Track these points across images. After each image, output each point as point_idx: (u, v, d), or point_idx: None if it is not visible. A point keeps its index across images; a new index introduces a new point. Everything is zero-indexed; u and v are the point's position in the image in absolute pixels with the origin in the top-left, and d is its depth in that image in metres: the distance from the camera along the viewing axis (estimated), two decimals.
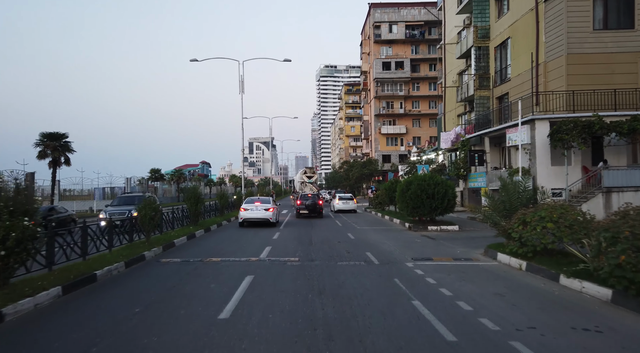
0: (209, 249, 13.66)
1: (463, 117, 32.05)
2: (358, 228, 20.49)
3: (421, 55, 70.89)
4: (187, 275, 9.65)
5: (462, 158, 26.15)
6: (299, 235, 17.63)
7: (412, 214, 18.66)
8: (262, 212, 21.45)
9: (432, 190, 17.95)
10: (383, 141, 72.37)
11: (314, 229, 20.25)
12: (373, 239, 16.00)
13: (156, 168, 47.31)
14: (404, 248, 13.42)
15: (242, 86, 32.53)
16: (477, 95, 26.77)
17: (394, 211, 27.13)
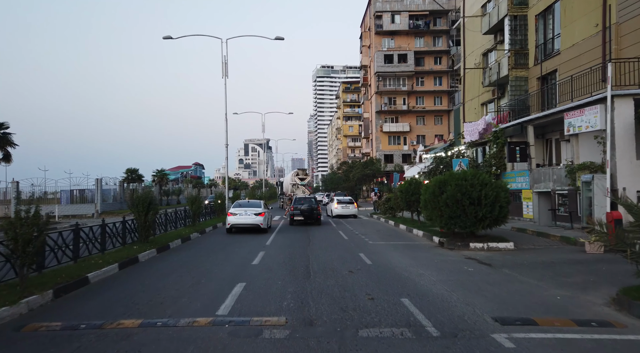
0: (140, 291, 8.39)
1: (487, 106, 26.96)
2: (371, 244, 15.31)
3: (426, 47, 65.98)
4: None
5: (495, 152, 21.05)
6: (290, 257, 12.43)
7: (448, 226, 13.48)
8: (252, 217, 19.59)
9: (478, 193, 12.81)
10: (385, 140, 67.33)
11: (311, 245, 15.06)
12: (400, 265, 10.82)
13: (133, 168, 41.98)
14: (461, 288, 8.25)
15: (225, 69, 27.33)
16: (512, 75, 21.71)
17: (410, 219, 21.96)
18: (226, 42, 27.06)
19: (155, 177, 50.74)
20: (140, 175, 42.89)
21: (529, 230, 16.48)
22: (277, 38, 27.06)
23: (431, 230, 17.78)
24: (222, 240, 17.33)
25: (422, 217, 20.63)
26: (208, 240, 17.35)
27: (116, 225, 13.21)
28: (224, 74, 27.37)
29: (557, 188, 17.17)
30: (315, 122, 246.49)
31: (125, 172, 41.74)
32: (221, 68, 27.32)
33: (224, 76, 27.38)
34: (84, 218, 35.91)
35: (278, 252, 13.39)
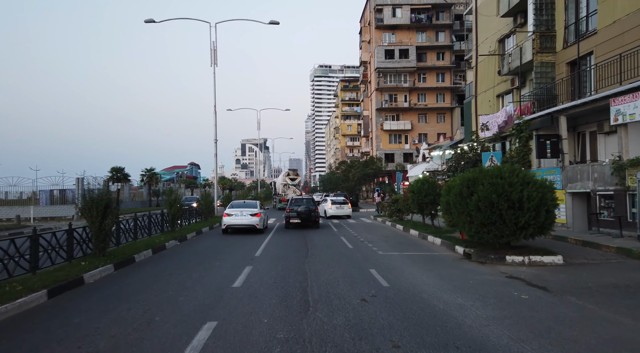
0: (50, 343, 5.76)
1: (504, 98, 24.39)
2: (382, 255, 12.70)
3: (428, 42, 63.50)
4: None
5: (518, 148, 18.47)
6: (283, 275, 9.81)
7: (479, 235, 10.88)
8: (248, 218, 19.59)
9: (519, 194, 10.23)
10: (385, 138, 64.78)
11: (310, 257, 12.43)
12: (428, 290, 8.21)
13: (118, 166, 39.21)
14: (529, 333, 5.66)
15: (214, 56, 24.69)
16: (537, 61, 19.14)
17: (422, 224, 19.36)
18: (215, 27, 24.46)
19: (144, 176, 47.87)
20: (126, 174, 40.13)
21: (570, 239, 13.89)
22: (271, 22, 24.46)
23: (448, 236, 15.22)
24: (204, 248, 14.68)
25: (437, 221, 18.03)
26: (187, 249, 14.69)
27: (78, 232, 10.61)
28: (213, 62, 24.76)
29: (599, 188, 14.60)
30: (313, 122, 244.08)
31: (110, 171, 38.96)
32: (210, 55, 24.71)
33: (213, 63, 24.77)
34: (63, 220, 33.23)
35: (268, 267, 10.76)
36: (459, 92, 63.89)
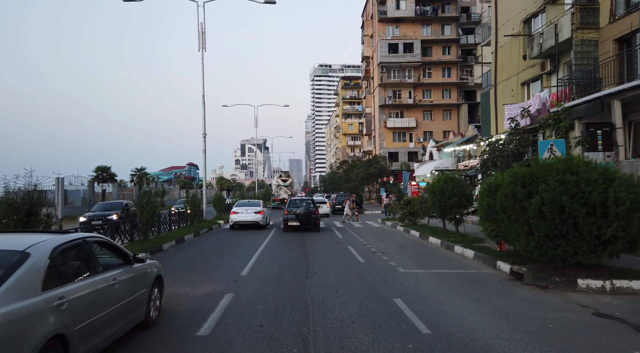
0: None
1: (531, 86, 21.55)
2: (403, 273, 9.87)
3: (433, 36, 60.67)
4: None
5: None
6: (276, 309, 6.99)
7: (541, 250, 8.03)
8: (252, 215, 21.54)
9: (601, 195, 7.42)
10: (389, 137, 61.94)
11: (312, 276, 9.60)
12: (495, 343, 5.37)
13: (104, 165, 36.36)
14: None
15: (202, 39, 21.88)
16: (577, 38, 16.32)
17: (442, 230, 16.51)
18: (203, 6, 21.62)
19: (133, 176, 44.96)
20: (112, 174, 37.27)
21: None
22: (266, 2, 21.61)
23: (481, 247, 12.41)
24: (180, 263, 11.83)
25: (462, 228, 15.20)
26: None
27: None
28: (201, 46, 21.96)
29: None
30: (313, 122, 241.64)
31: (95, 170, 36.10)
32: (198, 38, 21.89)
33: (201, 48, 21.97)
34: None
35: (255, 295, 7.91)
36: (466, 88, 61.18)
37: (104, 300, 4.74)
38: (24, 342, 3.42)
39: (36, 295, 3.77)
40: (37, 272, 3.91)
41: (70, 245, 4.62)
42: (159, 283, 6.60)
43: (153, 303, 6.16)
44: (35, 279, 3.86)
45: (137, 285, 5.68)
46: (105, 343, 4.78)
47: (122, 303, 5.13)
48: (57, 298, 3.96)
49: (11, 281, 3.62)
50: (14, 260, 3.87)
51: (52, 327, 3.75)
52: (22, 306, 3.55)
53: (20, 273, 3.73)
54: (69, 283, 4.27)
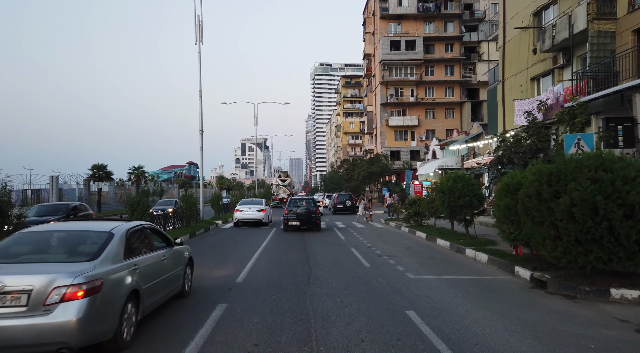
0: None
1: (541, 81, 20.70)
2: (414, 280, 9.05)
3: (436, 33, 59.84)
4: None
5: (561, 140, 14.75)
6: (274, 323, 6.18)
7: (570, 256, 7.20)
8: (255, 213, 22.26)
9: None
10: (391, 135, 61.10)
11: (314, 283, 8.78)
12: None
13: (100, 164, 35.53)
14: None
15: (199, 32, 21.05)
16: (593, 30, 15.49)
17: (450, 231, 15.67)
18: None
19: (131, 175, 44.13)
20: (109, 172, 36.41)
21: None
22: None
23: (494, 250, 11.59)
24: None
25: (472, 229, 14.37)
26: None
27: None
28: (198, 40, 21.12)
29: None
30: (314, 121, 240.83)
31: (91, 169, 35.25)
32: (195, 31, 21.06)
33: (198, 41, 21.14)
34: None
35: (252, 307, 7.08)
36: (469, 85, 60.31)
37: (158, 269, 6.40)
38: (118, 291, 5.10)
39: (121, 261, 5.44)
40: (120, 246, 5.58)
41: (135, 228, 6.28)
42: (191, 264, 8.08)
43: (187, 279, 7.77)
44: (119, 250, 5.52)
45: (177, 263, 7.27)
46: (159, 302, 6.44)
47: (169, 274, 6.77)
48: (133, 264, 5.63)
49: (107, 251, 5.30)
50: (105, 237, 5.55)
51: (132, 283, 5.43)
52: (116, 267, 5.25)
53: (111, 246, 5.42)
54: (138, 255, 5.97)
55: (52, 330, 4.37)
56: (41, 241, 5.71)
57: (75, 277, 4.58)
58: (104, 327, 4.78)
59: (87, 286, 4.59)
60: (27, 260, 5.24)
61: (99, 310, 4.71)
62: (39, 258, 5.33)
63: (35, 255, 5.40)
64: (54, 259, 5.27)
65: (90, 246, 5.42)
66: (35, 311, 4.40)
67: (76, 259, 5.16)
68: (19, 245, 5.58)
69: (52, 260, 5.23)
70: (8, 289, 4.41)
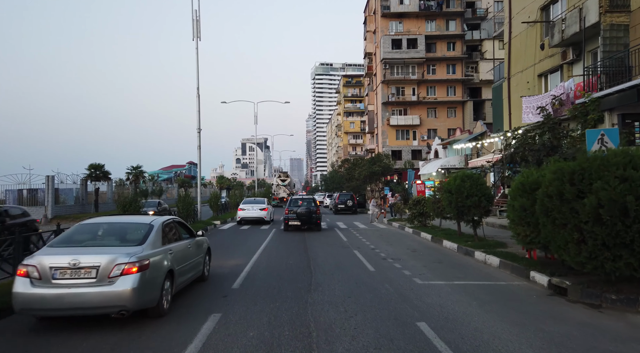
0: None
1: (549, 77, 20.07)
2: (422, 286, 8.45)
3: (438, 31, 59.17)
4: None
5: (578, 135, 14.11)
6: (271, 336, 5.58)
7: (595, 261, 6.59)
8: (257, 211, 23.16)
9: None
10: (392, 135, 60.44)
11: (315, 289, 8.18)
12: None
13: (97, 163, 34.88)
14: None
15: (196, 28, 20.45)
16: (605, 23, 14.87)
17: (457, 233, 15.06)
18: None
19: (129, 175, 43.49)
20: (106, 172, 35.65)
21: None
22: None
23: (505, 253, 10.99)
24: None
25: (480, 231, 13.75)
26: None
27: None
28: (195, 35, 20.51)
29: None
30: (314, 121, 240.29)
31: (88, 168, 34.55)
32: (192, 27, 20.45)
33: (195, 37, 20.54)
34: None
35: (248, 318, 6.47)
36: (471, 84, 59.67)
37: (186, 255, 7.71)
38: (159, 269, 6.38)
39: (160, 247, 6.70)
40: (158, 234, 6.80)
41: (167, 221, 7.53)
42: (209, 253, 9.44)
43: (206, 265, 9.11)
44: (158, 238, 6.76)
45: (199, 251, 8.60)
46: (186, 282, 7.79)
47: (193, 260, 8.10)
48: (168, 250, 6.90)
49: (149, 238, 6.56)
50: (146, 228, 6.81)
51: (168, 264, 6.70)
52: (157, 251, 6.53)
53: (152, 235, 6.66)
54: (171, 243, 7.20)
55: (114, 296, 5.71)
56: (97, 231, 7.06)
57: (130, 257, 5.94)
58: (150, 296, 6.11)
59: (139, 264, 5.95)
60: (91, 244, 6.59)
61: (147, 283, 6.03)
62: (99, 243, 6.69)
63: (96, 241, 6.73)
64: (111, 244, 6.62)
65: (136, 235, 6.72)
66: (102, 282, 5.76)
67: (127, 244, 6.48)
68: (80, 233, 6.86)
69: (109, 245, 6.59)
70: (82, 265, 5.79)
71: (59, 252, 6.05)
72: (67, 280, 5.74)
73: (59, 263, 5.79)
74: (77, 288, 5.67)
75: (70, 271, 5.77)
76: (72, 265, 5.77)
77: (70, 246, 6.38)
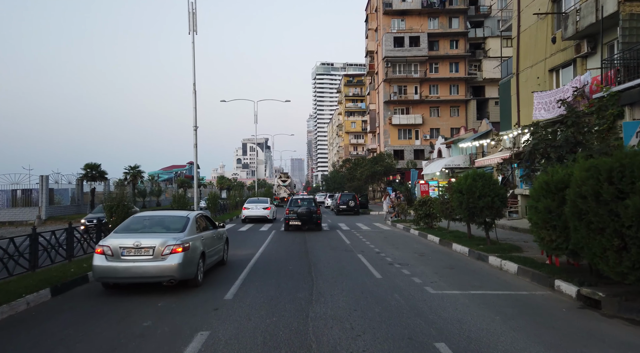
0: None
1: (561, 72, 19.20)
2: (435, 296, 7.58)
3: (440, 29, 58.32)
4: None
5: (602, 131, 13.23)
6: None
7: (637, 272, 5.72)
8: (261, 210, 24.75)
9: None
10: (394, 134, 59.60)
11: (316, 300, 7.32)
12: None
13: (93, 163, 34.03)
14: None
15: (193, 21, 19.66)
16: (624, 12, 14.01)
17: (466, 236, 14.20)
18: None
19: (127, 174, 42.63)
20: (102, 172, 34.83)
21: None
22: None
23: (523, 259, 10.14)
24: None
25: (492, 233, 12.90)
26: None
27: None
28: (192, 29, 19.69)
29: None
30: (315, 121, 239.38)
31: (84, 168, 33.72)
32: (188, 20, 19.64)
33: (192, 30, 19.71)
34: (23, 225, 28.27)
35: (239, 337, 5.62)
36: (475, 83, 58.79)
37: (212, 242, 9.68)
38: (196, 251, 8.33)
39: (195, 234, 8.69)
40: (194, 224, 8.84)
41: (198, 215, 9.49)
42: (227, 242, 11.32)
43: (225, 252, 11.00)
44: (194, 227, 8.77)
45: (220, 240, 10.53)
46: (212, 264, 9.72)
47: (217, 246, 10.04)
48: (201, 236, 8.94)
49: (188, 227, 8.55)
50: (185, 220, 8.81)
51: (201, 247, 8.70)
52: (194, 237, 8.50)
53: (189, 224, 8.65)
54: (202, 231, 9.22)
55: (166, 269, 7.53)
56: (147, 222, 8.85)
57: (177, 240, 7.80)
58: (190, 270, 7.95)
59: (182, 246, 7.79)
60: (146, 231, 8.36)
61: (188, 260, 7.87)
62: (151, 230, 8.43)
63: (149, 229, 8.51)
64: (160, 231, 8.39)
65: (177, 225, 8.56)
66: (157, 258, 7.58)
67: (172, 231, 8.28)
68: (135, 224, 8.72)
69: (159, 232, 8.34)
70: (142, 246, 7.63)
71: (124, 237, 7.95)
72: (132, 257, 7.64)
73: (126, 244, 7.71)
74: (139, 262, 7.59)
75: (134, 250, 7.68)
76: (135, 245, 7.69)
77: (131, 232, 8.24)
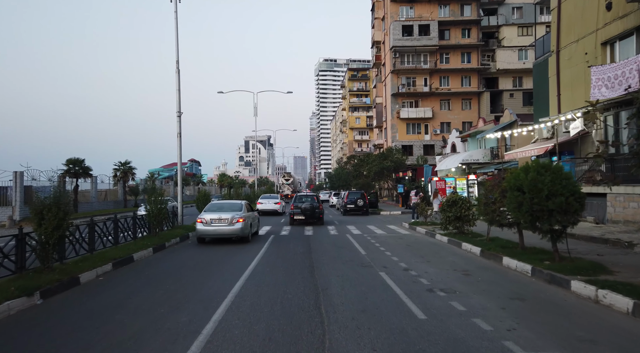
0: None
1: (619, 44, 15.93)
2: None
3: (452, 17, 54.95)
4: None
5: None
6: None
7: None
8: (272, 205, 30.61)
9: None
10: (402, 128, 56.27)
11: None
12: None
13: (76, 158, 30.90)
14: None
15: None
16: None
17: (520, 248, 10.97)
18: None
19: (117, 171, 39.51)
20: (86, 168, 31.71)
21: None
22: None
23: (627, 287, 6.92)
24: (90, 315, 6.41)
25: (562, 245, 9.67)
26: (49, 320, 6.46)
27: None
28: None
29: None
30: (318, 118, 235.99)
31: (66, 163, 30.67)
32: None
33: None
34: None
35: None
36: (487, 74, 55.40)
37: (253, 218, 16.92)
38: (248, 221, 15.63)
39: (246, 213, 15.91)
40: (245, 207, 16.22)
41: (247, 203, 17.05)
42: (258, 220, 18.31)
43: (258, 227, 18.13)
44: (245, 209, 16.06)
45: (255, 219, 17.42)
46: (253, 231, 16.55)
47: (255, 221, 17.30)
48: (251, 214, 16.67)
49: (243, 208, 15.92)
50: (241, 204, 16.27)
51: (250, 220, 16.10)
52: (247, 214, 15.85)
53: (243, 207, 16.09)
54: (248, 212, 16.35)
55: (234, 230, 14.70)
56: (219, 205, 16.15)
57: (240, 215, 14.97)
58: (246, 232, 15.07)
59: (242, 218, 14.89)
60: (221, 211, 15.15)
61: (245, 226, 14.94)
62: (223, 210, 15.20)
63: (222, 210, 15.24)
64: (229, 210, 15.13)
65: (236, 207, 15.52)
66: (229, 225, 14.67)
67: (235, 210, 15.17)
68: (213, 207, 16.03)
69: (228, 211, 15.08)
70: (222, 218, 14.71)
71: (211, 214, 14.86)
72: (216, 223, 14.54)
73: (213, 217, 14.62)
74: (220, 226, 14.52)
75: (217, 220, 14.57)
76: (218, 218, 14.57)
77: (214, 211, 15.15)
